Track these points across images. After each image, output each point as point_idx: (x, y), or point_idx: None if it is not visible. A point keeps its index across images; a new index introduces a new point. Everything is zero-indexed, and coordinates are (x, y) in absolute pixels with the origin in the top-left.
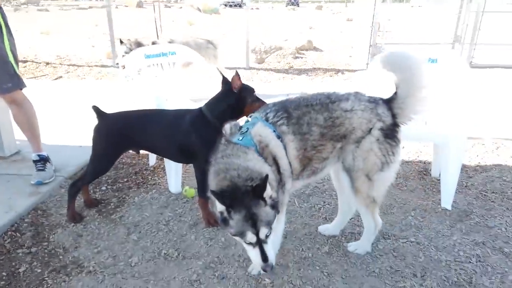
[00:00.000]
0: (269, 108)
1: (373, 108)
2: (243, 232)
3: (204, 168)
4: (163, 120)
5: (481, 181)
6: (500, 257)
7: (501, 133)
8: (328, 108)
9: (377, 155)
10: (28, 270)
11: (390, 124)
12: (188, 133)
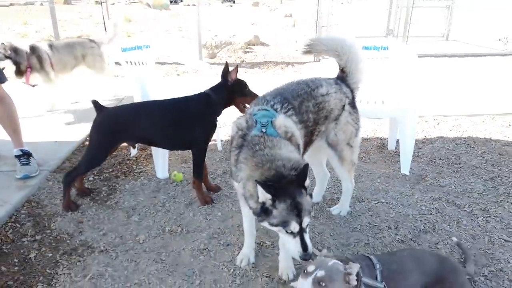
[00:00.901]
0: (272, 100)
1: (340, 88)
2: (287, 221)
3: (202, 152)
4: (166, 110)
5: (429, 151)
6: (454, 208)
7: (439, 111)
8: (312, 95)
9: (352, 125)
10: (39, 255)
11: (352, 97)
12: (197, 117)
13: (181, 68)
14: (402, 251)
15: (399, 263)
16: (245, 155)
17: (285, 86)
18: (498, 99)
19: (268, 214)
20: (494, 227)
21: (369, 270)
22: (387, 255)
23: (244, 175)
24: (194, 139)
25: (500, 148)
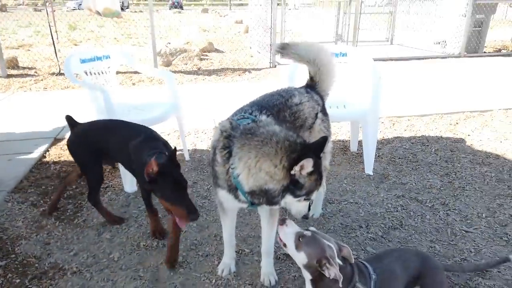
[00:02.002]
0: (249, 109)
1: (311, 96)
2: (312, 191)
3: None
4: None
5: (388, 151)
6: (417, 204)
7: (393, 112)
8: (287, 105)
9: (324, 132)
10: (6, 282)
11: (323, 105)
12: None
13: (136, 77)
14: (391, 254)
15: (390, 271)
16: (241, 144)
17: (260, 98)
18: (444, 99)
19: (297, 187)
20: (454, 219)
21: (364, 279)
22: (378, 262)
23: (250, 161)
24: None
25: (451, 145)
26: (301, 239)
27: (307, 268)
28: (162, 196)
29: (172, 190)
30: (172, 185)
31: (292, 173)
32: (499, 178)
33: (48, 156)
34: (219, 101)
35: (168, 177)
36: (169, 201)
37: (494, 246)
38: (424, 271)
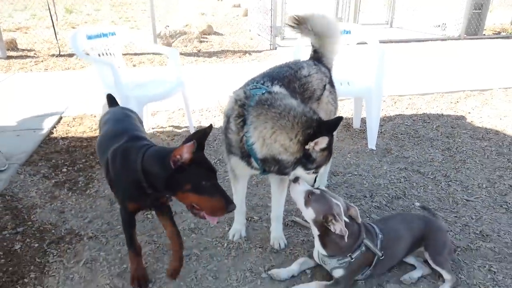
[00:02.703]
0: (261, 80)
1: (319, 68)
2: (322, 165)
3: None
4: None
5: (390, 127)
6: (419, 176)
7: (395, 91)
8: (296, 76)
9: (332, 104)
10: (25, 247)
11: (330, 77)
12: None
13: (137, 58)
14: (395, 217)
15: (395, 231)
16: (257, 113)
17: (269, 70)
18: (444, 79)
19: (309, 161)
20: (455, 189)
21: (371, 237)
22: (384, 224)
23: (265, 131)
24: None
25: (452, 122)
26: (310, 196)
27: (315, 223)
28: (192, 188)
29: (206, 179)
30: (205, 173)
31: (306, 147)
32: (499, 152)
33: (56, 132)
34: (221, 81)
35: (202, 165)
36: (202, 193)
37: (494, 213)
38: (428, 232)
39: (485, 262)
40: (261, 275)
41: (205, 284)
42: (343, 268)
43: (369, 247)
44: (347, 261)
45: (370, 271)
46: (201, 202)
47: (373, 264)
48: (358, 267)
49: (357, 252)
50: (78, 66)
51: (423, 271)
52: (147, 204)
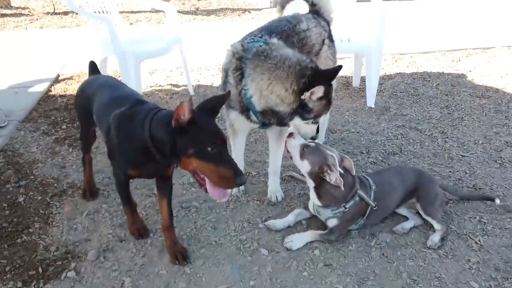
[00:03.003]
0: (259, 33)
1: (318, 22)
2: (321, 114)
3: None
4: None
5: (390, 85)
6: (416, 133)
7: (396, 49)
8: (295, 30)
9: (330, 59)
10: (28, 199)
11: (329, 31)
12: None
13: (133, 16)
14: (389, 169)
15: (388, 183)
16: (254, 65)
17: (268, 24)
18: (447, 37)
19: (306, 111)
20: (451, 145)
21: (365, 188)
22: (378, 176)
23: (262, 82)
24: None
25: (452, 80)
26: (305, 149)
27: (310, 175)
28: (195, 153)
29: (212, 145)
30: (212, 139)
31: (302, 97)
32: (497, 110)
33: (54, 90)
34: (220, 40)
35: (209, 129)
36: (207, 160)
37: (488, 168)
38: (420, 184)
39: (476, 214)
40: (258, 225)
41: (204, 233)
42: (337, 218)
43: (363, 198)
44: (341, 211)
45: (364, 221)
46: (205, 170)
47: (367, 214)
48: (351, 217)
49: (350, 202)
50: (74, 24)
51: (415, 222)
52: (149, 172)
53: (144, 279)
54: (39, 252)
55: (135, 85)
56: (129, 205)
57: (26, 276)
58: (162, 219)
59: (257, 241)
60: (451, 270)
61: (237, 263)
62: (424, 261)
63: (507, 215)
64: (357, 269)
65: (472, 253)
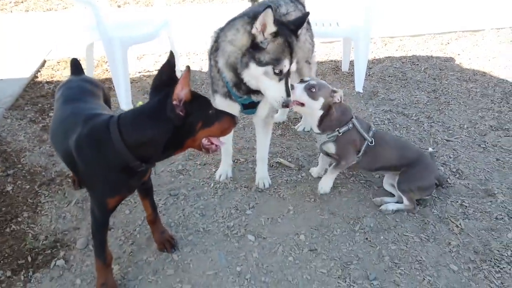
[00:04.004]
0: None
1: (296, 6)
2: (279, 58)
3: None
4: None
5: (379, 70)
6: (403, 118)
7: (385, 32)
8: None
9: (309, 42)
10: (16, 188)
11: (306, 13)
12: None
13: None
14: (397, 137)
15: (389, 141)
16: (223, 34)
17: (248, 9)
18: (437, 19)
19: (258, 50)
20: (437, 130)
21: (364, 126)
22: (385, 133)
23: (229, 34)
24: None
25: (441, 64)
26: (313, 90)
27: (324, 106)
28: (204, 124)
29: (210, 107)
30: (206, 102)
31: (252, 32)
32: (484, 93)
33: (40, 76)
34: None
35: (197, 95)
36: (213, 123)
37: (472, 152)
38: (413, 162)
39: (458, 198)
40: (245, 211)
41: (192, 220)
42: (333, 142)
43: (357, 128)
44: (335, 135)
45: (358, 158)
46: (214, 132)
47: (362, 151)
48: (347, 143)
49: (344, 128)
50: (60, 7)
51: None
52: (130, 190)
53: (133, 266)
54: (28, 241)
55: (123, 71)
56: (102, 258)
57: (15, 265)
58: (147, 215)
59: (244, 227)
60: (432, 253)
61: (224, 249)
62: (406, 245)
63: (488, 198)
64: (341, 253)
65: (453, 237)
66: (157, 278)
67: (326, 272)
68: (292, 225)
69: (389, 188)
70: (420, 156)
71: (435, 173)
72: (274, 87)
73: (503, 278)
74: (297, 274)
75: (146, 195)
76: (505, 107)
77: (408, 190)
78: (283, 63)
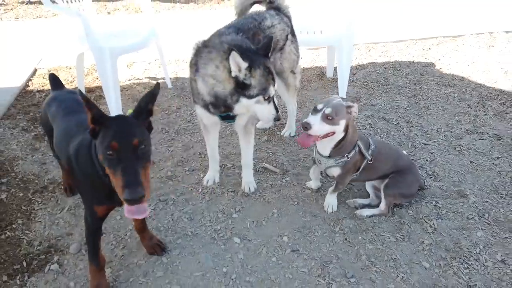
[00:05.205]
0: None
1: (281, 18)
2: (265, 88)
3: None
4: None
5: (362, 75)
6: (384, 123)
7: (369, 39)
8: (260, 28)
9: (294, 53)
10: (10, 196)
11: (291, 26)
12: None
13: (111, 5)
14: (391, 146)
15: (386, 154)
16: (199, 56)
17: (235, 21)
18: (419, 25)
19: (246, 88)
20: (416, 134)
21: (365, 144)
22: (380, 143)
23: (202, 69)
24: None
25: (422, 69)
26: (329, 117)
27: (345, 127)
28: (103, 158)
29: (108, 149)
30: (107, 139)
31: (233, 75)
32: (461, 98)
33: (32, 85)
34: (199, 29)
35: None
36: (110, 166)
37: (448, 155)
38: (403, 170)
39: (433, 199)
40: (232, 215)
41: (181, 225)
42: (340, 167)
43: (361, 149)
44: (343, 161)
45: (356, 176)
46: (112, 177)
47: (360, 169)
48: (351, 167)
49: (352, 153)
50: (50, 14)
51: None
52: (118, 201)
53: (124, 269)
54: (23, 247)
55: (113, 80)
56: (96, 262)
57: (11, 270)
58: (135, 225)
59: (231, 230)
60: (406, 251)
61: (211, 251)
62: (383, 244)
63: (460, 199)
64: (321, 253)
65: (426, 236)
66: (147, 280)
67: (307, 271)
68: (276, 228)
69: (370, 190)
70: (410, 164)
71: (419, 182)
72: (265, 109)
73: (471, 273)
74: (280, 273)
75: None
76: (481, 111)
77: (392, 195)
78: (269, 90)
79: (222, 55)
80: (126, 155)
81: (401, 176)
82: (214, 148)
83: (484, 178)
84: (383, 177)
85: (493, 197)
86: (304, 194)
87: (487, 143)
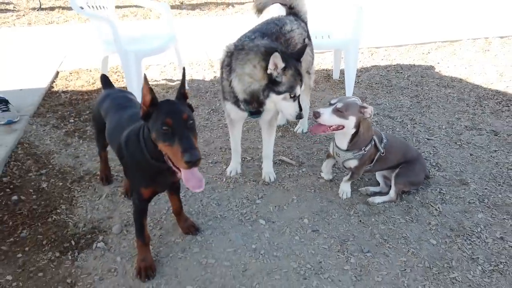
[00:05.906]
0: (252, 35)
1: (299, 23)
2: (293, 86)
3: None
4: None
5: (366, 78)
6: (389, 120)
7: (372, 43)
8: (282, 32)
9: (310, 55)
10: (50, 185)
11: (308, 30)
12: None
13: (119, 11)
14: (401, 140)
15: (396, 146)
16: (235, 58)
17: (258, 26)
18: (419, 30)
19: (276, 84)
20: (419, 130)
21: (378, 139)
22: (391, 137)
23: (238, 69)
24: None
25: (422, 72)
26: (340, 111)
27: (356, 124)
28: (156, 135)
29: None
30: (162, 117)
31: (268, 72)
32: (460, 98)
33: (56, 87)
34: (208, 34)
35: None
36: (165, 140)
37: (449, 149)
38: (412, 161)
39: (437, 186)
40: (255, 201)
41: (210, 209)
42: (357, 159)
43: (376, 143)
44: (361, 154)
45: (370, 167)
46: (166, 151)
47: (374, 161)
48: (367, 159)
49: (368, 146)
50: (62, 20)
51: (381, 189)
52: (162, 186)
53: (163, 246)
54: (69, 228)
55: (137, 81)
56: (142, 238)
57: (62, 247)
58: (174, 208)
59: (256, 213)
60: (415, 231)
61: (240, 231)
62: (394, 225)
63: (462, 186)
64: (339, 233)
65: (432, 218)
66: (186, 255)
67: (327, 247)
68: (296, 211)
69: (380, 179)
70: (418, 155)
71: (425, 171)
72: (291, 106)
73: (473, 249)
74: (303, 249)
75: (174, 192)
76: (479, 110)
77: (402, 183)
78: (296, 89)
79: (260, 56)
80: (179, 128)
81: (410, 166)
82: (237, 141)
83: (483, 169)
84: (393, 167)
85: (492, 184)
86: (320, 183)
87: (485, 138)
